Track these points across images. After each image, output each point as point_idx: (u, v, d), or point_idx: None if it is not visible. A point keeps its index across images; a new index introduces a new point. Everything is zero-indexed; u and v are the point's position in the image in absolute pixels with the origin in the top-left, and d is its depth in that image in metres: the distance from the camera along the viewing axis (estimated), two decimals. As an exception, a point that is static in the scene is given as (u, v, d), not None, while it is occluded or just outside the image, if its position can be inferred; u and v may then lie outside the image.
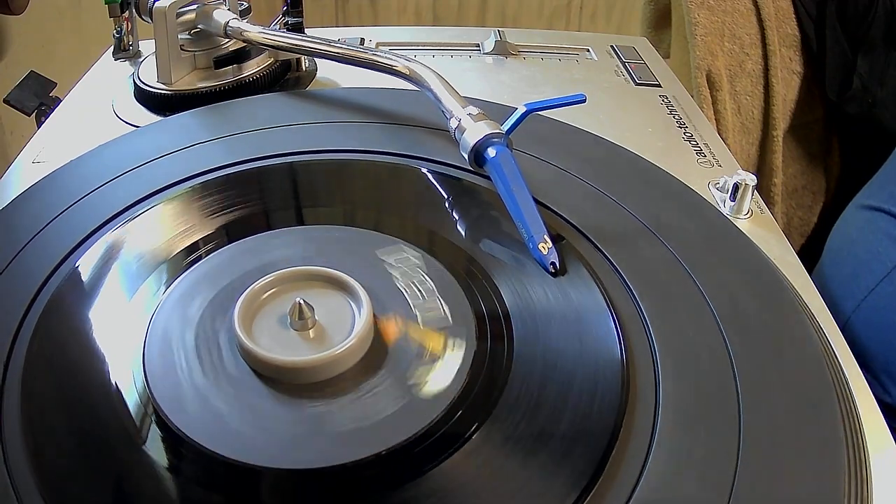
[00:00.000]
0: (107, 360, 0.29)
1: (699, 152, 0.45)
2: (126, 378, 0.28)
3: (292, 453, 0.25)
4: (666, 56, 0.75)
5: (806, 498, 0.25)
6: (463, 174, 0.39)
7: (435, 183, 0.39)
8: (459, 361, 0.29)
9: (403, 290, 0.31)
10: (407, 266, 0.31)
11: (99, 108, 0.48)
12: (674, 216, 0.36)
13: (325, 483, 0.25)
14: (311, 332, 0.29)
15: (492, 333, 0.30)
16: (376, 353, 0.29)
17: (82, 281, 0.32)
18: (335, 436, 0.26)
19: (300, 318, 0.29)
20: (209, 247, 0.34)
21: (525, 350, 0.29)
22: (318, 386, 0.28)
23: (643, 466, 0.25)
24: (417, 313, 0.30)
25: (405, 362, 0.29)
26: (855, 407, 0.29)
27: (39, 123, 0.51)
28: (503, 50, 0.57)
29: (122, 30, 0.55)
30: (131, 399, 0.28)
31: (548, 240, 0.33)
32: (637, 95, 0.52)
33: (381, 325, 0.30)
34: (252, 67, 0.49)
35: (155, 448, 0.26)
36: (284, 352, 0.28)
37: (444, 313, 0.30)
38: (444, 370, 0.28)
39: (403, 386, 0.28)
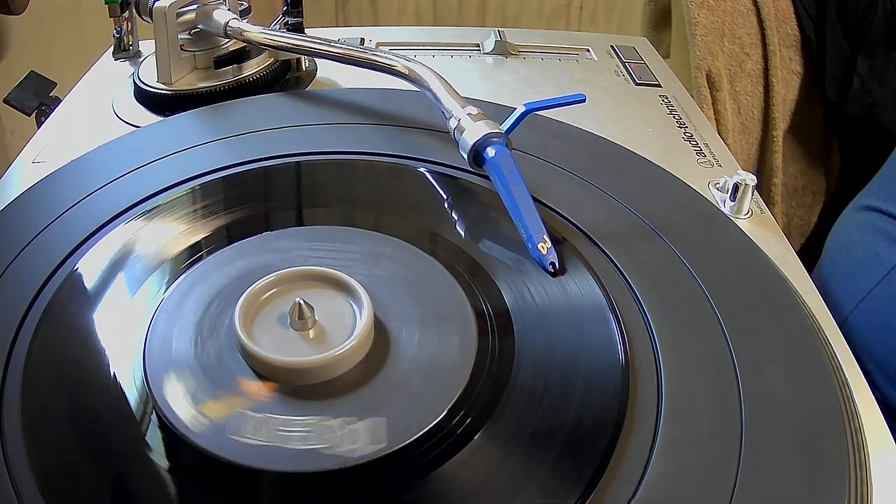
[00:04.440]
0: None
1: (699, 152, 0.45)
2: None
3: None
4: (666, 56, 0.75)
5: (807, 498, 0.25)
6: (462, 174, 0.39)
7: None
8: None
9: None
10: None
11: (99, 108, 0.48)
12: (675, 215, 0.36)
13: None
14: (311, 333, 0.29)
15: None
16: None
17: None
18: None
19: (300, 319, 0.29)
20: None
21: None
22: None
23: (645, 466, 0.25)
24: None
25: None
26: (855, 407, 0.29)
27: (39, 123, 0.51)
28: (503, 50, 0.57)
29: (122, 30, 0.55)
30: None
31: (547, 240, 0.33)
32: (637, 95, 0.52)
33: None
34: (252, 67, 0.49)
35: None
36: (285, 352, 0.28)
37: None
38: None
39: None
